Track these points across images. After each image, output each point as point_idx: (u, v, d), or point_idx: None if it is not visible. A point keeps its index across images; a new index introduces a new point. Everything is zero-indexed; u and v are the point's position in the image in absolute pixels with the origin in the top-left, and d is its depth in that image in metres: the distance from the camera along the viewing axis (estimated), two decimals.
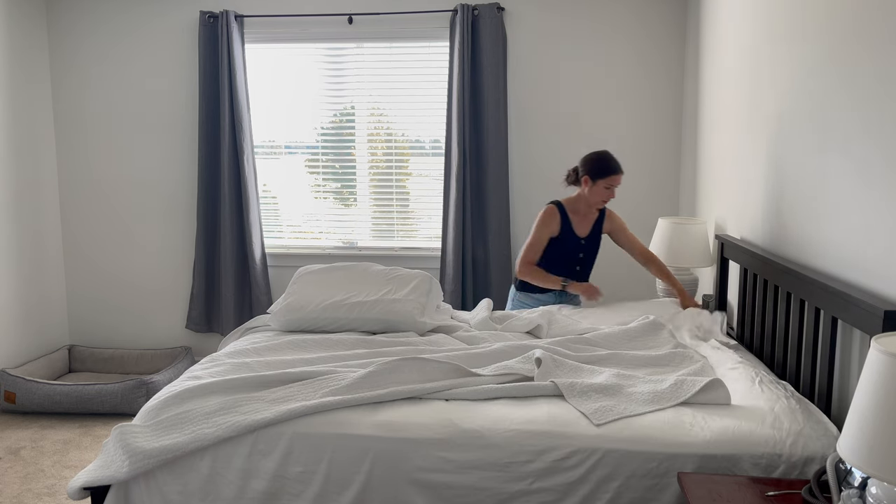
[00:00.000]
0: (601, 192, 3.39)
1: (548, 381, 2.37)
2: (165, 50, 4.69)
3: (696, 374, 2.50)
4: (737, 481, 1.82)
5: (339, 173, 4.76)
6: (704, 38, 3.94)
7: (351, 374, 2.37)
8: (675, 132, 4.45)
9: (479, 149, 4.47)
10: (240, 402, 2.23)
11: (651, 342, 2.86)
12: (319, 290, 3.12)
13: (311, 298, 3.07)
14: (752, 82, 3.12)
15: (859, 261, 2.13)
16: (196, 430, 2.13)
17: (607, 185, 3.37)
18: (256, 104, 4.73)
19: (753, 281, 2.92)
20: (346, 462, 2.13)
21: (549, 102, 4.49)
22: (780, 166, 2.77)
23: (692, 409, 2.22)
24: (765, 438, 2.02)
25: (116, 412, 4.06)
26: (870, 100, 2.07)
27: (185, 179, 4.78)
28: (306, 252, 4.77)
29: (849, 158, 2.20)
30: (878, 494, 1.40)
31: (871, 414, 1.27)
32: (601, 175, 3.37)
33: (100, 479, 2.09)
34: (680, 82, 4.41)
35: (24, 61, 4.56)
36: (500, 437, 2.11)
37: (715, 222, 3.71)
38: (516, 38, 4.46)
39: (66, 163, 4.86)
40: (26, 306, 4.59)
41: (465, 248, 4.47)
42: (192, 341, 4.90)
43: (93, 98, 4.78)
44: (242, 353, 2.71)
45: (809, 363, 2.33)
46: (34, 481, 3.31)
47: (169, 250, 4.85)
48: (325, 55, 4.65)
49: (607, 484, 2.04)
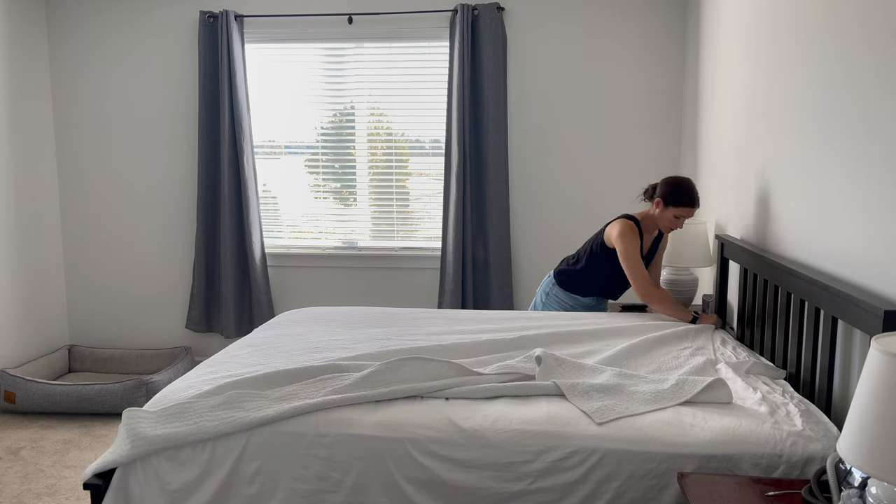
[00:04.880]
0: (670, 220, 3.23)
1: (549, 380, 2.37)
2: (165, 50, 4.69)
3: (698, 373, 2.50)
4: (737, 481, 1.82)
5: (338, 173, 4.76)
6: (704, 38, 3.94)
7: (353, 375, 2.38)
8: (676, 132, 4.45)
9: (479, 149, 4.47)
10: (244, 397, 2.25)
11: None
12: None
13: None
14: (752, 82, 3.12)
15: (859, 261, 2.13)
16: (198, 422, 2.15)
17: (678, 215, 3.20)
18: (256, 104, 4.73)
19: (753, 281, 2.92)
20: (346, 460, 2.13)
21: (548, 102, 4.49)
22: (779, 166, 2.77)
23: (692, 408, 2.21)
24: (765, 438, 2.02)
25: (116, 412, 4.06)
26: (871, 99, 2.07)
27: (185, 179, 4.78)
28: (306, 252, 4.77)
29: (849, 158, 2.20)
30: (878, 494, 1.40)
31: (871, 414, 1.27)
32: (676, 203, 3.19)
33: (105, 463, 2.14)
34: (680, 82, 4.41)
35: (24, 61, 4.56)
36: (500, 437, 2.10)
37: (715, 222, 3.70)
38: (516, 38, 4.46)
39: (66, 163, 4.86)
40: (26, 306, 4.59)
41: (465, 248, 4.47)
42: (191, 341, 4.90)
43: (93, 98, 4.78)
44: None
45: (809, 363, 2.33)
46: (34, 481, 3.31)
47: (169, 250, 4.85)
48: (325, 55, 4.65)
49: (607, 484, 2.04)
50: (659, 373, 2.55)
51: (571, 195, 4.54)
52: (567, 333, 2.91)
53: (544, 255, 4.60)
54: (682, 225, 3.27)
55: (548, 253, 4.60)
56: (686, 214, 3.22)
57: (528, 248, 4.61)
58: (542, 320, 3.19)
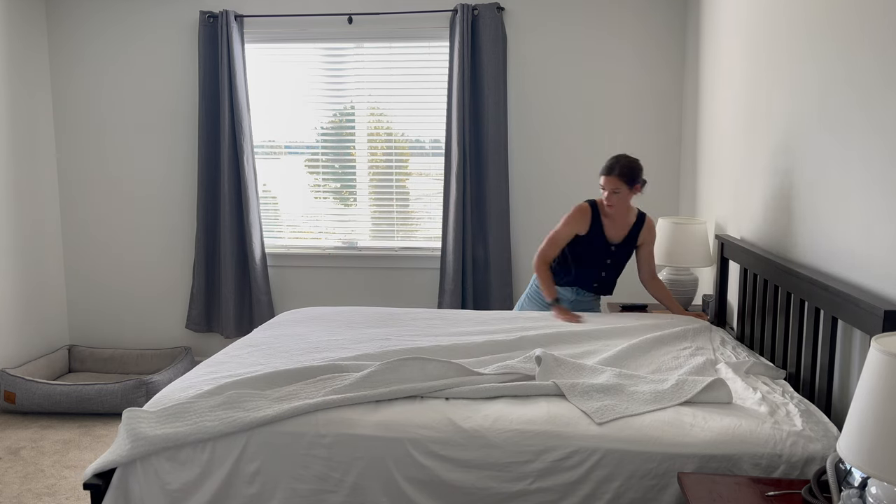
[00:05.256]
0: (602, 194, 3.31)
1: (549, 380, 2.37)
2: (165, 50, 4.69)
3: (698, 373, 2.50)
4: (737, 481, 1.82)
5: (338, 173, 4.76)
6: (704, 38, 3.94)
7: (353, 375, 2.38)
8: (676, 132, 4.45)
9: (479, 149, 4.47)
10: (244, 397, 2.25)
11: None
12: None
13: None
14: (752, 82, 3.12)
15: (859, 261, 2.12)
16: (198, 422, 2.15)
17: (602, 186, 3.28)
18: (256, 104, 4.73)
19: (753, 281, 2.92)
20: (346, 460, 2.13)
21: (548, 102, 4.49)
22: (779, 166, 2.77)
23: (692, 408, 2.21)
24: (765, 438, 2.02)
25: (116, 412, 4.06)
26: (871, 98, 2.07)
27: (185, 179, 4.78)
28: (306, 252, 4.77)
29: (849, 157, 2.20)
30: (878, 494, 1.40)
31: (871, 414, 1.27)
32: (601, 173, 3.30)
33: (104, 463, 2.14)
34: (680, 82, 4.41)
35: (24, 62, 4.56)
36: (500, 437, 2.10)
37: (715, 222, 3.70)
38: (516, 38, 4.46)
39: (66, 163, 4.86)
40: (26, 306, 4.59)
41: (465, 248, 4.47)
42: (191, 341, 4.90)
43: (93, 98, 4.78)
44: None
45: (809, 363, 2.33)
46: (34, 481, 3.31)
47: (169, 250, 4.85)
48: (325, 55, 4.65)
49: (607, 484, 2.04)
50: (659, 373, 2.55)
51: (571, 195, 4.54)
52: (567, 334, 2.91)
53: None
54: (611, 200, 3.24)
55: None
56: (605, 185, 3.24)
57: (528, 248, 4.60)
58: (541, 321, 3.19)
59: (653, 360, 2.68)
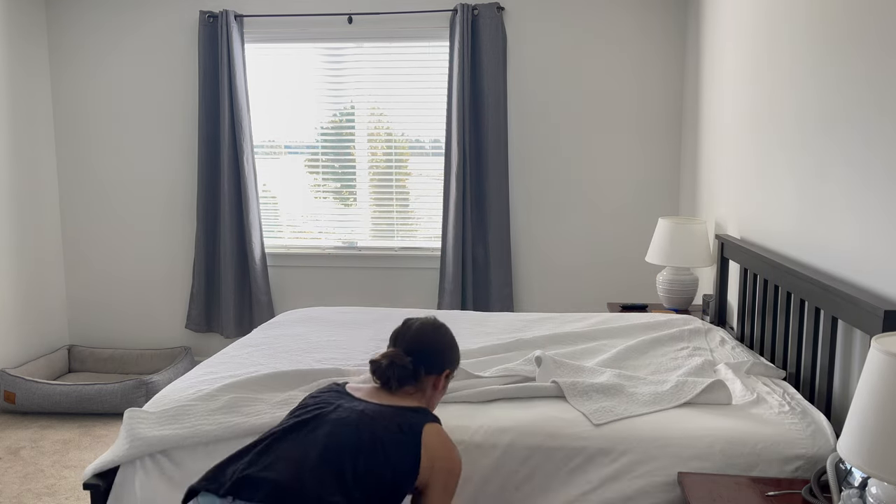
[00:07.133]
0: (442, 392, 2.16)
1: (549, 381, 2.37)
2: (165, 50, 4.69)
3: (696, 374, 2.50)
4: (737, 481, 1.82)
5: (338, 173, 4.76)
6: (704, 38, 3.94)
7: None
8: (676, 132, 4.45)
9: (479, 149, 4.47)
10: (243, 401, 2.24)
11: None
12: None
13: None
14: (752, 82, 3.12)
15: (859, 261, 2.12)
16: (196, 425, 2.15)
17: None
18: (256, 104, 4.73)
19: (753, 281, 2.92)
20: None
21: (548, 102, 4.49)
22: (779, 166, 2.77)
23: (692, 409, 2.21)
24: (765, 439, 2.02)
25: (116, 412, 4.06)
26: (871, 99, 2.07)
27: (185, 179, 4.78)
28: (306, 252, 4.77)
29: (849, 158, 2.20)
30: (878, 494, 1.40)
31: (871, 414, 1.27)
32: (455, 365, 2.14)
33: (103, 463, 2.14)
34: (680, 82, 4.41)
35: (24, 62, 4.56)
36: (500, 438, 2.10)
37: (715, 222, 3.70)
38: (516, 38, 4.46)
39: (66, 163, 4.86)
40: (26, 306, 4.59)
41: (465, 248, 4.47)
42: (191, 341, 4.90)
43: (92, 98, 4.78)
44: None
45: (809, 363, 2.33)
46: (34, 481, 3.31)
47: (169, 250, 4.85)
48: (325, 55, 4.65)
49: (607, 484, 2.04)
50: (657, 374, 2.55)
51: (571, 195, 4.54)
52: (566, 335, 2.90)
53: (544, 255, 4.60)
54: None
55: (548, 253, 4.60)
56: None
57: (528, 248, 4.60)
58: (540, 322, 3.19)
59: (650, 360, 2.68)
